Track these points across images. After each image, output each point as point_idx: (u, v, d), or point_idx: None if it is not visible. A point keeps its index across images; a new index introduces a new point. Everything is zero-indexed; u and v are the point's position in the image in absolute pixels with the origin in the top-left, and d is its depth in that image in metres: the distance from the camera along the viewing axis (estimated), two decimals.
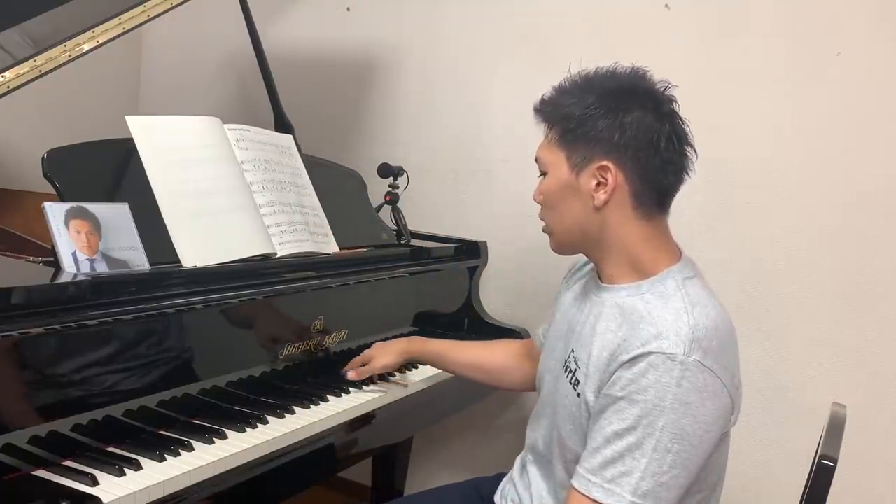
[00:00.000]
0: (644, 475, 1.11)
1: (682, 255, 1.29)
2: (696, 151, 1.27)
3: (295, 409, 1.48)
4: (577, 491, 1.16)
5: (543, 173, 1.32)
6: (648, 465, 1.11)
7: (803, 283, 1.98)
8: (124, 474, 1.16)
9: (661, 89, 1.26)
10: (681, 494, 1.15)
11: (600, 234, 1.27)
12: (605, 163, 1.23)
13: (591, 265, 1.40)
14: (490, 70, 2.34)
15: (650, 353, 1.13)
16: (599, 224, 1.26)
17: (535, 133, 1.27)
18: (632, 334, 1.18)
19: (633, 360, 1.15)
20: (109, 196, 1.43)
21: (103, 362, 1.24)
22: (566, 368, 1.31)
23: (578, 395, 1.25)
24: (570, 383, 1.28)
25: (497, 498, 1.46)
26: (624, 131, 1.22)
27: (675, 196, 1.27)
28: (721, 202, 2.04)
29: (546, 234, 1.36)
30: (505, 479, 1.48)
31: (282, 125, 2.06)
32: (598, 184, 1.24)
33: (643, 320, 1.18)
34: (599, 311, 1.27)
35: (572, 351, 1.30)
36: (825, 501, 1.10)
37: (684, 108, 1.26)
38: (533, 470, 1.40)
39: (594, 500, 1.13)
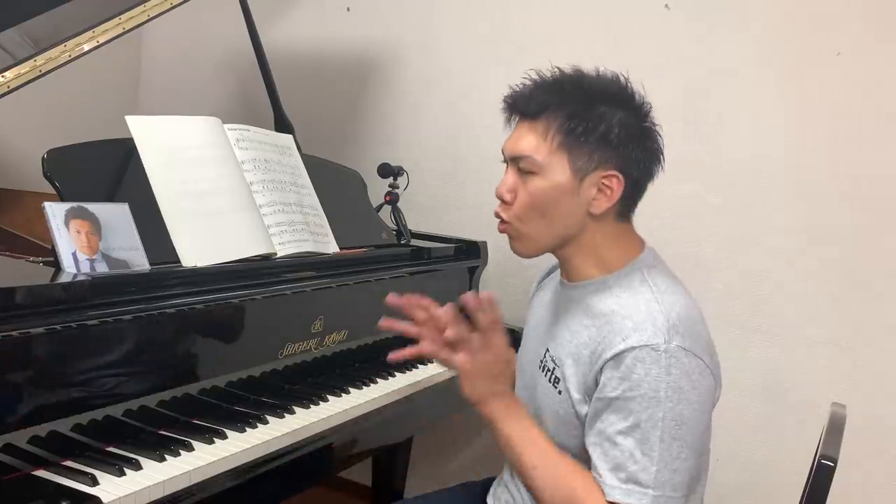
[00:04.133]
0: (658, 467, 1.12)
1: (644, 245, 1.29)
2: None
3: (295, 409, 1.48)
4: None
5: (529, 172, 1.22)
6: (661, 457, 1.12)
7: (803, 282, 1.97)
8: (124, 474, 1.16)
9: (631, 88, 1.24)
10: (694, 476, 1.17)
11: (578, 236, 1.25)
12: (613, 172, 1.20)
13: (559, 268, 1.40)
14: (490, 70, 2.33)
15: (633, 347, 1.14)
16: (582, 227, 1.24)
17: None
18: (609, 330, 1.18)
19: (617, 356, 1.15)
20: (109, 196, 1.43)
21: (103, 362, 1.24)
22: (543, 367, 1.31)
23: (560, 392, 1.25)
24: (550, 382, 1.28)
25: (490, 500, 1.46)
26: (627, 136, 1.21)
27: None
28: (721, 201, 2.03)
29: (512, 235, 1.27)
30: (496, 482, 1.48)
31: (282, 125, 2.05)
32: (600, 191, 1.21)
33: (616, 314, 1.19)
34: (570, 310, 1.28)
35: (547, 350, 1.31)
36: (825, 501, 1.10)
37: (684, 108, 1.26)
38: None
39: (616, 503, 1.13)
